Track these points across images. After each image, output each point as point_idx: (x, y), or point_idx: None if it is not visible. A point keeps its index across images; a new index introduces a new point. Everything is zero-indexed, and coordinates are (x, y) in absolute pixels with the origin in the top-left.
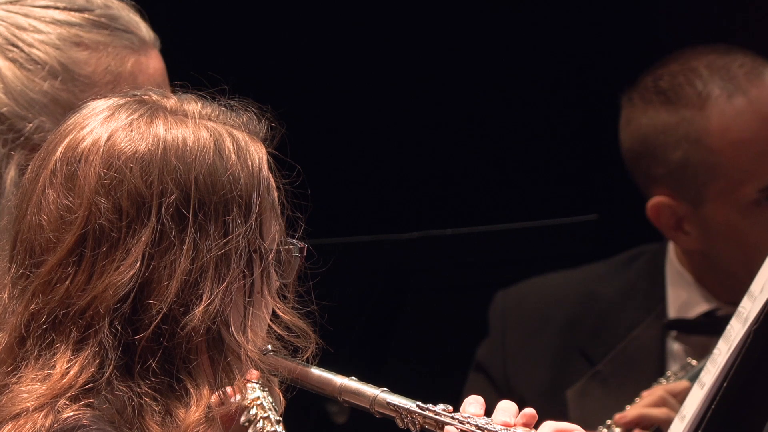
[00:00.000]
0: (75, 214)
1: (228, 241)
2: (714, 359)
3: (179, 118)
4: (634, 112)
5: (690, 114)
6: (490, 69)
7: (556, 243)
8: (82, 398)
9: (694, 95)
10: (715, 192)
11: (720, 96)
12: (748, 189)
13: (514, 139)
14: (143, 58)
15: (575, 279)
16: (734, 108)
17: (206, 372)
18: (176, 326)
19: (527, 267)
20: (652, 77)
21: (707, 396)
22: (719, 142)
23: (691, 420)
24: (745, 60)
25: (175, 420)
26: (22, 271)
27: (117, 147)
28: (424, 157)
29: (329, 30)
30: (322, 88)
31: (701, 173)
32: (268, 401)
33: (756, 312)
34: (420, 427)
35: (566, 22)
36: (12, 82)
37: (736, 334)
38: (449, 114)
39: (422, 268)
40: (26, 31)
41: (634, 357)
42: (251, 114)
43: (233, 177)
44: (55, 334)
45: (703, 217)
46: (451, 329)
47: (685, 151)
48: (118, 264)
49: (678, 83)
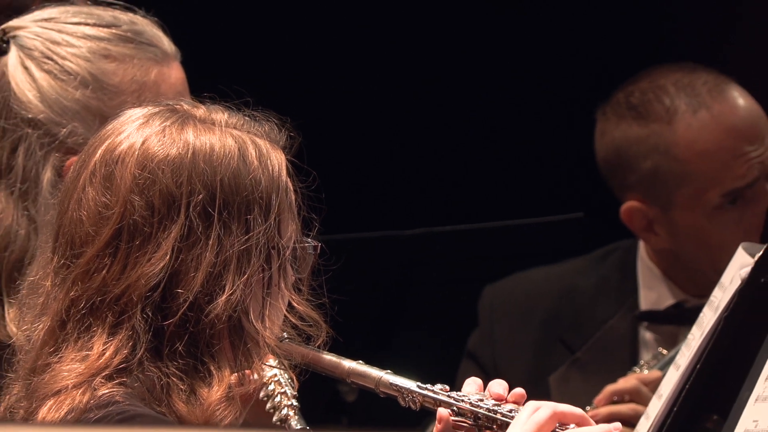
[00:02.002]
0: (112, 210)
1: (249, 238)
2: (688, 343)
3: (207, 126)
4: (608, 125)
5: (659, 127)
6: (483, 72)
7: (545, 239)
8: (116, 377)
9: (663, 110)
10: (683, 197)
11: (686, 111)
12: (712, 195)
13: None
14: (165, 69)
15: (556, 274)
16: (699, 121)
17: (227, 356)
18: (201, 313)
19: (517, 262)
20: (623, 93)
21: (682, 377)
22: (686, 152)
23: (667, 399)
24: (708, 77)
25: (199, 398)
26: (63, 261)
27: (151, 151)
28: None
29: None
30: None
31: (670, 180)
32: (284, 378)
33: (726, 301)
34: (420, 405)
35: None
36: (47, 92)
37: (708, 321)
38: (444, 119)
39: (422, 261)
40: (60, 45)
41: (610, 345)
42: (272, 124)
43: (255, 180)
44: (92, 319)
45: (672, 219)
46: (447, 319)
47: (654, 161)
48: (149, 256)
49: (648, 99)
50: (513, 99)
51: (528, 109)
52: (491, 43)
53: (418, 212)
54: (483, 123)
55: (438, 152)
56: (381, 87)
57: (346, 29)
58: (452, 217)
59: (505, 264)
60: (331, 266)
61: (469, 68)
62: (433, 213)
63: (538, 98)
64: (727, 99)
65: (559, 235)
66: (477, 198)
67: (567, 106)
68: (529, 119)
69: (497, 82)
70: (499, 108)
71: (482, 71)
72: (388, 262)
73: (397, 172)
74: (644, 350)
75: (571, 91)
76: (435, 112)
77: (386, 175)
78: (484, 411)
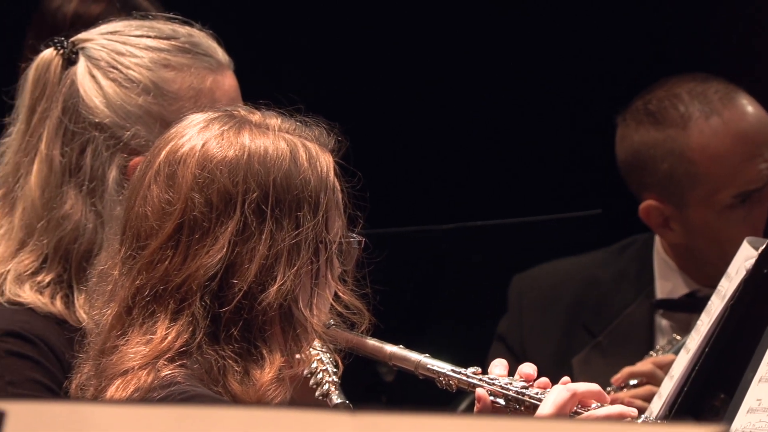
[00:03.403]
0: (174, 206)
1: (299, 233)
2: (698, 329)
3: (262, 130)
4: (628, 131)
5: (674, 132)
6: (515, 80)
7: (566, 234)
8: (177, 359)
9: (678, 116)
10: (696, 197)
11: (699, 117)
12: (723, 195)
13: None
14: (220, 77)
15: (579, 265)
16: (711, 127)
17: (278, 340)
18: (254, 302)
19: (542, 254)
20: (642, 101)
21: (692, 359)
22: (699, 155)
23: (678, 379)
24: (720, 87)
25: (252, 379)
26: (130, 252)
27: (210, 152)
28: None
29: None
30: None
31: (684, 181)
32: (326, 357)
33: (732, 290)
34: (455, 387)
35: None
36: (113, 98)
37: (716, 309)
38: (475, 125)
39: (455, 253)
40: (124, 56)
41: (628, 331)
42: (321, 129)
43: (305, 180)
44: (156, 306)
45: (686, 217)
46: (479, 306)
47: (670, 163)
48: (208, 249)
49: (664, 106)
50: (542, 110)
51: (554, 118)
52: (520, 53)
53: (452, 209)
54: (515, 131)
55: (470, 156)
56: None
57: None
58: (483, 214)
59: (531, 256)
60: (373, 259)
61: (503, 74)
62: (466, 210)
63: (563, 109)
64: (737, 106)
65: (579, 229)
66: (506, 196)
67: (588, 114)
68: (555, 127)
69: (529, 91)
70: (529, 117)
71: (515, 79)
72: (425, 254)
73: (433, 173)
74: (660, 336)
75: (592, 101)
76: (467, 118)
77: (423, 175)
78: (513, 393)
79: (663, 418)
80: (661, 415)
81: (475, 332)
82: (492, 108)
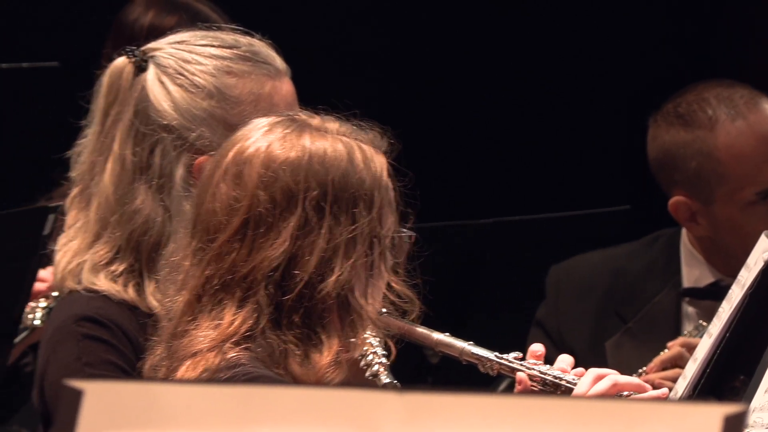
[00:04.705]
0: (241, 203)
1: (355, 228)
2: (719, 315)
3: (321, 133)
4: (659, 131)
5: (702, 133)
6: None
7: (597, 228)
8: (243, 343)
9: (706, 119)
10: (721, 194)
11: (725, 120)
12: (747, 192)
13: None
14: (278, 83)
15: (611, 256)
16: (736, 129)
17: (336, 327)
18: (314, 291)
19: (576, 246)
20: (672, 104)
21: (714, 344)
22: (725, 155)
23: (701, 362)
24: (744, 92)
25: (312, 362)
26: (200, 245)
27: (274, 154)
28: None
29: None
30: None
31: (711, 179)
32: (376, 340)
33: (751, 280)
34: (497, 372)
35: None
36: (180, 102)
37: (735, 297)
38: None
39: (495, 246)
40: (190, 63)
41: (657, 317)
42: (376, 132)
43: (360, 179)
44: (224, 294)
45: (712, 212)
46: (517, 294)
47: (698, 162)
48: (272, 242)
49: (693, 109)
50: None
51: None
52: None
53: (491, 205)
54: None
55: (509, 154)
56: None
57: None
58: (520, 209)
59: (566, 248)
60: (423, 252)
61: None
62: (504, 205)
63: (599, 115)
64: (761, 110)
65: (611, 224)
66: (541, 192)
67: (621, 118)
68: (591, 130)
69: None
70: (566, 123)
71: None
72: (468, 247)
73: (477, 173)
74: (686, 322)
75: (624, 105)
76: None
77: (468, 175)
78: (551, 378)
79: (688, 398)
80: (686, 394)
81: (514, 319)
82: (530, 113)
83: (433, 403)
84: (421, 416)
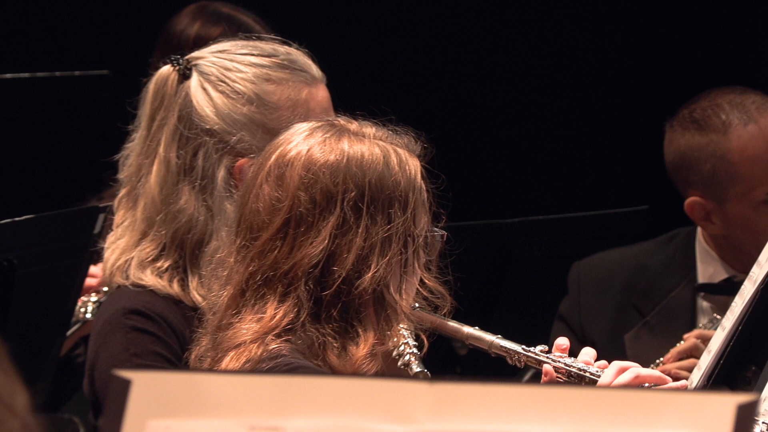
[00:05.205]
0: (282, 203)
1: (390, 227)
2: (732, 309)
3: (359, 137)
4: (675, 135)
5: (716, 137)
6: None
7: (617, 227)
8: (284, 335)
9: (719, 123)
10: (735, 194)
11: (738, 124)
12: (759, 192)
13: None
14: (314, 90)
15: (630, 253)
16: (748, 133)
17: (372, 321)
18: (352, 287)
19: (597, 244)
20: (687, 110)
21: (727, 336)
22: (738, 157)
23: (715, 353)
24: (756, 98)
25: (349, 354)
26: (244, 242)
27: (314, 157)
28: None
29: None
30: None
31: (724, 180)
32: (407, 332)
33: (762, 276)
34: (524, 363)
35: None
36: (221, 107)
37: (748, 292)
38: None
39: (521, 244)
40: (231, 71)
41: (673, 311)
42: (410, 137)
43: (396, 181)
44: (266, 289)
45: (726, 211)
46: (542, 290)
47: (712, 165)
48: (312, 240)
49: (707, 114)
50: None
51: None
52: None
53: (518, 205)
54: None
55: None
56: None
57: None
58: (545, 209)
59: (587, 246)
60: (454, 250)
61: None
62: (530, 206)
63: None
64: None
65: (630, 223)
66: (565, 193)
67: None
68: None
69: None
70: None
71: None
72: (496, 245)
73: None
74: (701, 315)
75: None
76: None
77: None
78: (575, 370)
79: (702, 387)
80: (701, 384)
81: (539, 313)
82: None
83: (462, 392)
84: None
